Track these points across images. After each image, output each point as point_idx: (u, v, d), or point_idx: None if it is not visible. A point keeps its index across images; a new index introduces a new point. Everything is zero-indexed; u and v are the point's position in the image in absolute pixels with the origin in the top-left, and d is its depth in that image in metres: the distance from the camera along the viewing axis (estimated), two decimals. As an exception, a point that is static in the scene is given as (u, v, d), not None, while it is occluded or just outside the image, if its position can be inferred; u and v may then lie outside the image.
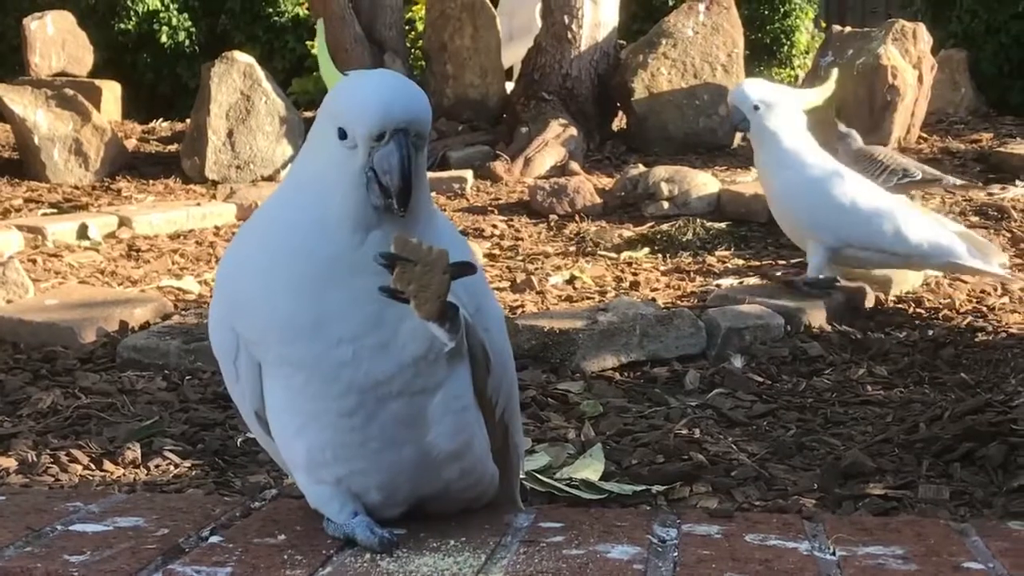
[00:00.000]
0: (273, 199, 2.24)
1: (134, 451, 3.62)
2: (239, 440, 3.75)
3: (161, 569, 2.07)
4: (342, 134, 2.05)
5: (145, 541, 2.20)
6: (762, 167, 5.15)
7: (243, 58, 8.56)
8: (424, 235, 2.09)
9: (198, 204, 7.38)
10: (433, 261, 2.02)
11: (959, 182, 6.57)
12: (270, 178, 8.38)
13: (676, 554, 2.17)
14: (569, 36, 8.58)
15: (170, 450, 3.67)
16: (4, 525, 2.28)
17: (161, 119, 11.04)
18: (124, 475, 3.53)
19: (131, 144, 9.29)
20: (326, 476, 2.19)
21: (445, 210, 7.30)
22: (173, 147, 9.33)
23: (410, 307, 2.03)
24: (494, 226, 6.87)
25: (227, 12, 12.81)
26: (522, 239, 6.61)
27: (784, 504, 3.35)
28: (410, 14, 9.66)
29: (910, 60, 8.09)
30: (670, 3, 11.72)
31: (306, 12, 12.38)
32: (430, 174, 7.99)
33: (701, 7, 8.61)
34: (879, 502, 3.33)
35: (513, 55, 9.22)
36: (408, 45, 9.46)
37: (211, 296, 5.44)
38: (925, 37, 8.33)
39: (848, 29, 8.51)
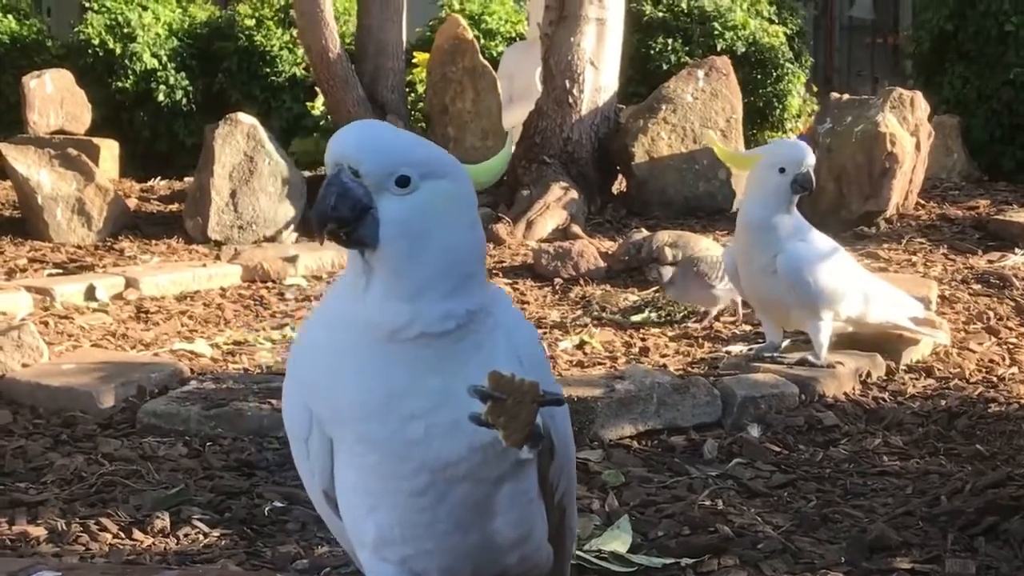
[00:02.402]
0: (341, 277, 2.28)
1: (163, 520, 3.64)
2: (267, 509, 3.77)
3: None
4: None
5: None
6: (764, 235, 4.93)
7: (247, 119, 8.61)
8: (432, 308, 2.13)
9: (204, 265, 7.40)
10: (524, 393, 2.06)
11: None
12: (272, 238, 8.40)
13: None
14: (570, 100, 8.67)
15: (198, 519, 3.68)
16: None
17: (159, 178, 11.08)
18: (154, 544, 3.54)
19: (131, 203, 9.31)
20: (391, 555, 2.21)
21: (450, 273, 7.33)
22: (174, 206, 9.36)
23: (500, 436, 2.07)
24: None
25: (224, 71, 12.88)
26: (528, 302, 6.65)
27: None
28: (410, 76, 9.74)
29: (908, 128, 8.19)
30: (664, 67, 11.84)
31: (304, 72, 12.46)
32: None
33: (700, 73, 8.70)
34: (909, 576, 3.37)
35: (513, 118, 9.29)
36: (407, 107, 9.53)
37: (224, 359, 5.52)
38: (922, 105, 8.43)
39: (846, 96, 8.62)
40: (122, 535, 3.58)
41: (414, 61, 9.85)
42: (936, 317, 5.57)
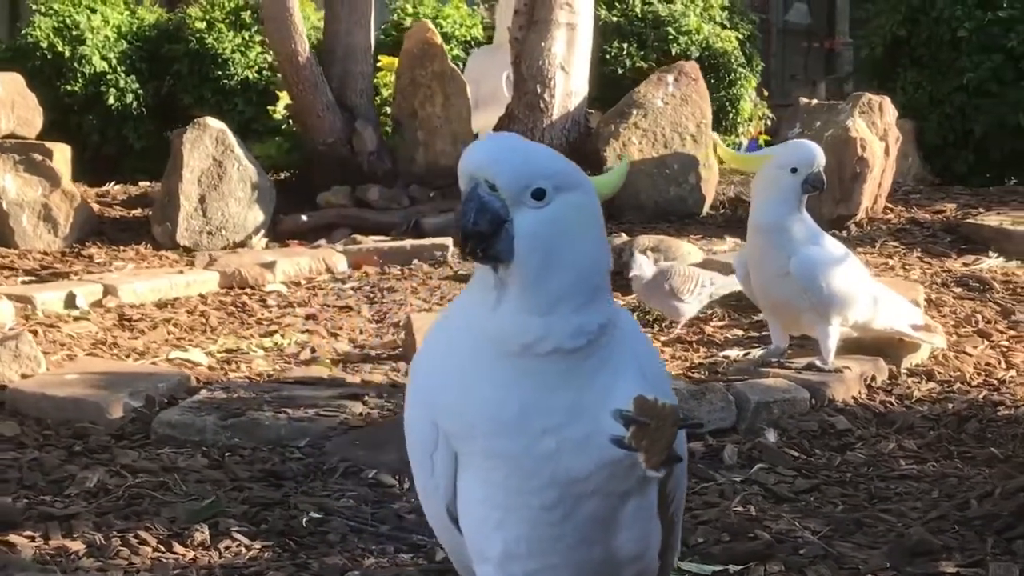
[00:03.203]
0: (464, 291, 2.27)
1: (203, 533, 3.59)
2: (304, 520, 3.73)
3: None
4: None
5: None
6: (778, 237, 4.94)
7: (215, 124, 8.51)
8: (565, 323, 2.13)
9: (181, 272, 7.31)
10: (666, 417, 2.06)
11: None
12: (242, 244, 8.32)
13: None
14: (542, 105, 8.68)
15: (237, 531, 3.64)
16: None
17: (113, 182, 10.92)
18: (198, 558, 3.49)
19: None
20: (517, 570, 2.21)
21: (430, 278, 7.33)
22: (137, 211, 9.24)
23: (640, 459, 2.07)
24: (483, 295, 6.87)
25: (174, 74, 12.71)
26: (514, 309, 6.62)
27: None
28: (375, 80, 9.67)
29: (876, 132, 8.29)
30: (620, 72, 11.87)
31: (256, 76, 12.34)
32: (409, 241, 8.04)
33: (670, 78, 8.74)
34: (954, 580, 3.40)
35: (479, 122, 9.27)
36: (376, 112, 9.46)
37: (221, 367, 5.46)
38: (890, 110, 8.54)
39: (815, 101, 8.71)
40: (162, 548, 3.53)
41: (379, 65, 9.78)
42: (932, 322, 5.63)
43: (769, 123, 13.15)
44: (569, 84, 8.77)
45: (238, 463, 4.22)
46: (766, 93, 13.34)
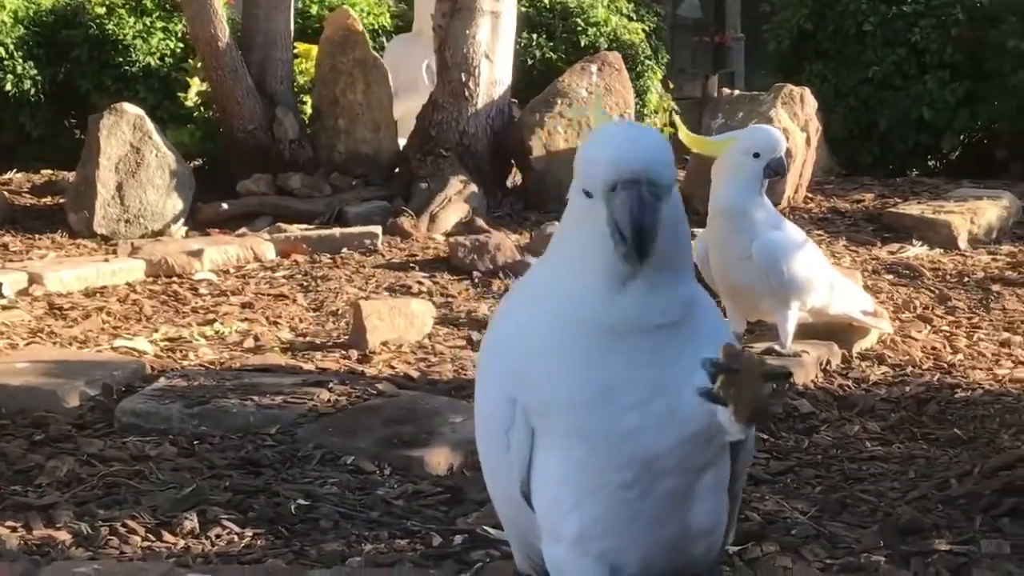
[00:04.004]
0: (539, 269, 2.24)
1: (191, 521, 3.50)
2: (292, 507, 3.66)
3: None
4: (587, 193, 2.09)
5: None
6: (740, 221, 4.97)
7: (132, 109, 8.32)
8: (673, 297, 2.13)
9: (107, 260, 7.13)
10: (754, 367, 2.05)
11: None
12: (160, 232, 8.14)
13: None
14: (466, 93, 8.62)
15: (225, 519, 3.55)
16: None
17: (14, 170, 10.64)
18: (190, 546, 3.40)
19: (-2, 196, 8.92)
20: (592, 549, 2.19)
21: (363, 266, 7.24)
22: (47, 199, 9.01)
23: (728, 413, 2.06)
24: (419, 283, 6.83)
25: (73, 61, 12.40)
26: (453, 296, 6.59)
27: (859, 562, 3.43)
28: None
29: (798, 123, 8.40)
30: (529, 62, 11.87)
31: (158, 62, 12.08)
32: (337, 229, 7.93)
33: (593, 68, 8.76)
34: (949, 558, 3.44)
35: (398, 110, 9.19)
36: (296, 99, 9.32)
37: (168, 356, 5.32)
38: (811, 101, 8.66)
39: (737, 92, 8.78)
40: (152, 537, 3.43)
41: (295, 52, 9.63)
42: (880, 308, 5.71)
43: (673, 115, 13.23)
44: (493, 72, 8.73)
45: (210, 451, 4.12)
46: (671, 85, 13.43)
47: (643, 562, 2.21)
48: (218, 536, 3.46)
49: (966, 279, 6.80)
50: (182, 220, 8.28)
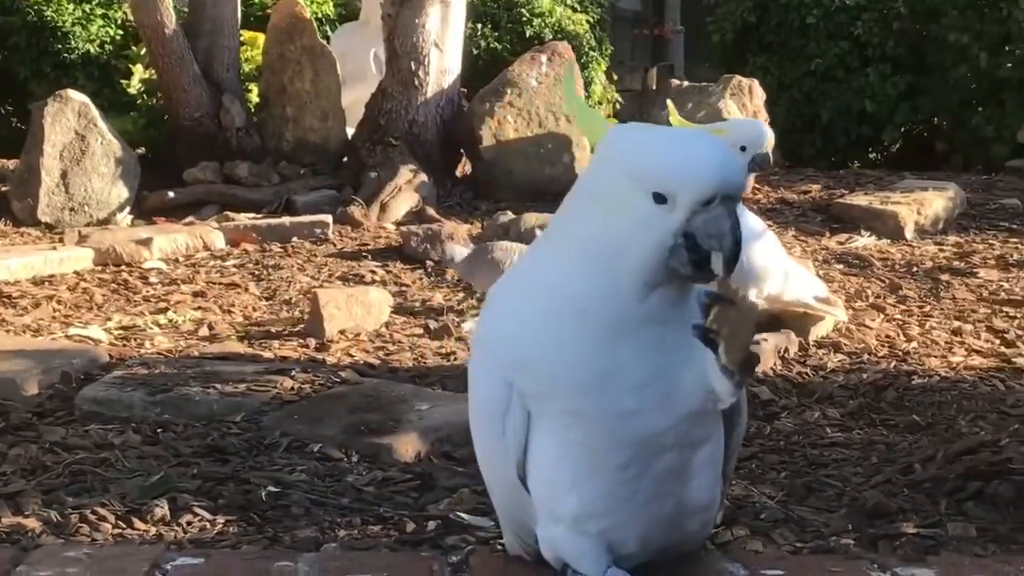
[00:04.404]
0: (542, 255, 2.21)
1: (162, 508, 3.46)
2: (263, 493, 3.63)
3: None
4: (659, 198, 2.04)
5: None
6: None
7: (77, 96, 8.22)
8: (688, 295, 2.15)
9: (54, 248, 7.06)
10: (748, 310, 2.06)
11: None
12: (106, 221, 8.05)
13: (929, 597, 2.24)
14: (416, 82, 8.60)
15: (196, 506, 3.52)
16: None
17: (-45, 158, 10.46)
18: (162, 533, 3.37)
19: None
20: (591, 528, 2.19)
21: (315, 255, 7.21)
22: (-10, 187, 8.89)
23: (718, 351, 2.07)
24: (372, 272, 6.81)
25: (10, 47, 12.22)
26: (407, 285, 6.57)
27: (828, 545, 3.46)
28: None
29: (747, 114, 8.46)
30: (475, 52, 11.85)
31: (98, 49, 11.94)
32: (287, 218, 7.88)
33: (543, 58, 8.76)
34: (916, 541, 3.48)
35: (346, 99, 9.14)
36: (243, 87, 9.25)
37: (123, 345, 5.26)
38: (759, 92, 8.72)
39: (686, 83, 8.82)
40: (123, 524, 3.40)
41: (241, 40, 9.56)
42: (833, 296, 5.77)
43: (617, 106, 13.29)
44: (443, 62, 8.71)
45: (175, 439, 4.08)
46: (615, 77, 13.48)
47: (641, 539, 2.22)
48: (189, 523, 3.43)
49: (915, 269, 6.88)
50: (128, 208, 8.19)
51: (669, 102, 5.14)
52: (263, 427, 4.18)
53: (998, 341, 5.61)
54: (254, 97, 9.38)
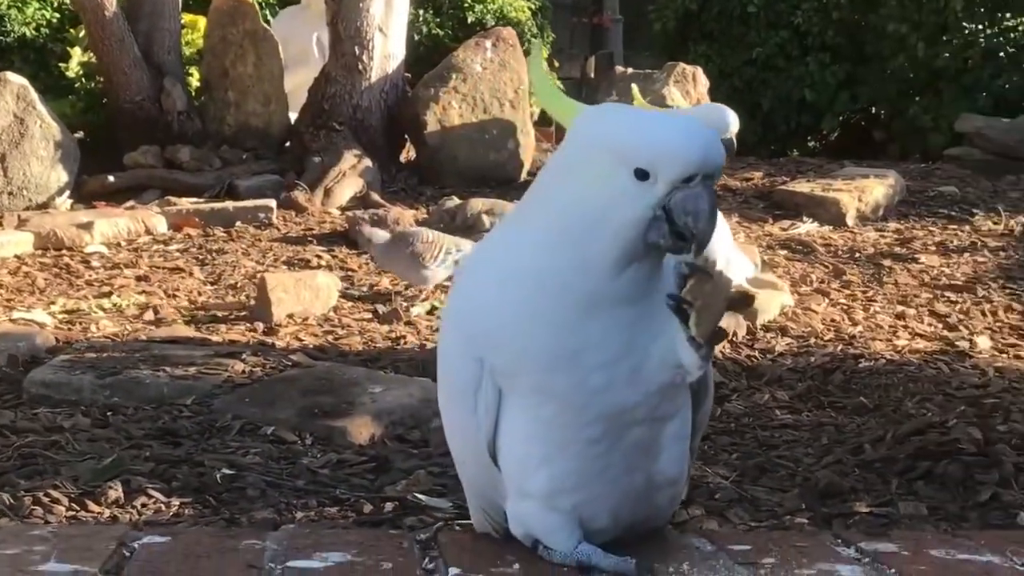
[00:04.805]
0: (513, 232, 2.20)
1: (116, 490, 3.43)
2: (218, 475, 3.60)
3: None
4: (642, 174, 2.04)
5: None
6: None
7: (16, 79, 8.11)
8: (659, 272, 2.16)
9: (-7, 232, 6.97)
10: (721, 284, 2.08)
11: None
12: (45, 205, 7.95)
13: (894, 571, 2.26)
14: (360, 67, 8.55)
15: (151, 488, 3.49)
16: (224, 570, 2.14)
17: None
18: (117, 515, 3.33)
19: None
20: (563, 503, 2.19)
21: (259, 240, 7.16)
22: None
23: (690, 323, 2.08)
24: (319, 256, 6.78)
25: (-56, 30, 12.01)
26: (353, 270, 6.54)
27: (783, 524, 3.49)
28: (178, 38, 9.36)
29: (691, 101, 8.51)
30: (416, 38, 11.81)
31: (33, 32, 11.77)
32: (231, 203, 7.82)
33: (488, 43, 8.75)
34: (869, 520, 3.52)
35: (288, 83, 9.07)
36: (184, 70, 9.16)
37: (68, 328, 5.20)
38: (703, 79, 8.77)
39: (630, 70, 8.85)
40: (76, 507, 3.36)
41: (181, 23, 9.46)
42: (777, 279, 5.81)
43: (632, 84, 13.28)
44: (387, 46, 8.68)
45: (126, 422, 4.05)
46: (557, 64, 13.49)
47: (612, 514, 2.23)
48: (144, 505, 3.40)
49: (857, 254, 6.96)
50: (67, 193, 8.10)
51: (634, 86, 5.15)
52: (215, 410, 4.15)
53: (941, 325, 5.68)
54: (195, 81, 9.29)
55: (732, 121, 4.99)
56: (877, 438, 4.11)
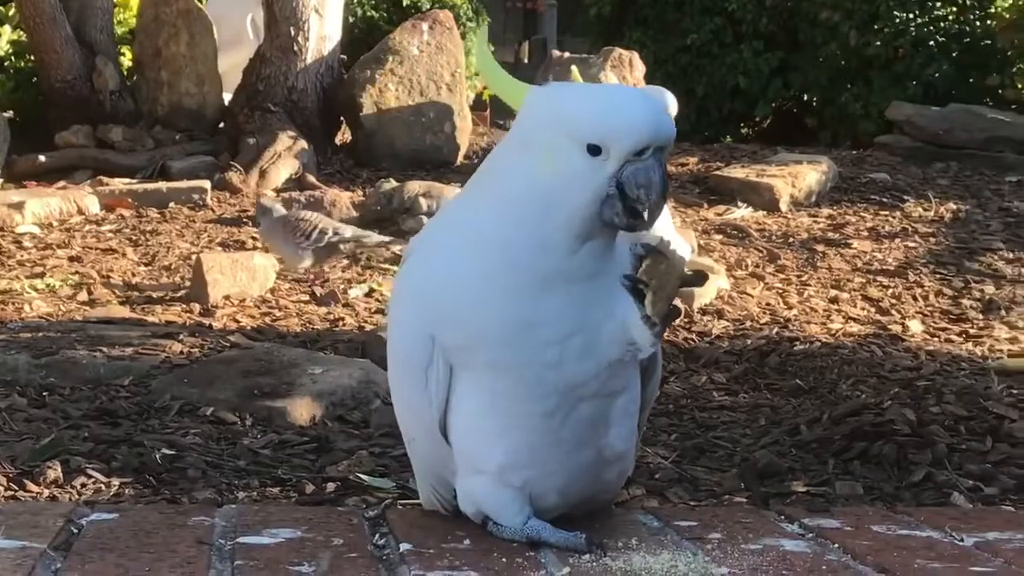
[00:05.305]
0: (468, 208, 2.21)
1: (54, 470, 3.39)
2: (157, 456, 3.57)
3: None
4: (594, 149, 2.05)
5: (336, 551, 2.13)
6: None
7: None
8: (612, 250, 2.17)
9: (-79, 214, 6.86)
10: (675, 265, 2.09)
11: (385, 239, 6.26)
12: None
13: (837, 546, 2.29)
14: (295, 48, 8.51)
15: (90, 468, 3.45)
16: (174, 546, 2.13)
17: None
18: (56, 495, 3.30)
19: None
20: (515, 479, 2.20)
21: (194, 221, 7.10)
22: None
23: (645, 302, 2.10)
24: (254, 238, 6.73)
25: None
26: (289, 252, 6.50)
27: (722, 503, 3.53)
28: (110, 17, 9.25)
29: (628, 86, 8.52)
30: (351, 20, 11.77)
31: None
32: (163, 184, 7.75)
33: (424, 26, 8.73)
34: (807, 499, 3.57)
35: (222, 64, 9.00)
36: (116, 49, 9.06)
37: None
38: (639, 64, 8.80)
39: (567, 54, 8.87)
40: (15, 487, 3.31)
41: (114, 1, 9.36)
42: (713, 263, 5.86)
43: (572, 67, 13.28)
44: (323, 28, 8.64)
45: (63, 402, 4.00)
46: (492, 48, 13.46)
47: (562, 490, 2.24)
48: (84, 485, 3.36)
49: (791, 239, 7.03)
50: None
51: (574, 67, 5.16)
52: (153, 390, 4.12)
53: (873, 309, 5.76)
54: (128, 60, 9.19)
55: (671, 103, 5.03)
56: (813, 419, 4.16)
